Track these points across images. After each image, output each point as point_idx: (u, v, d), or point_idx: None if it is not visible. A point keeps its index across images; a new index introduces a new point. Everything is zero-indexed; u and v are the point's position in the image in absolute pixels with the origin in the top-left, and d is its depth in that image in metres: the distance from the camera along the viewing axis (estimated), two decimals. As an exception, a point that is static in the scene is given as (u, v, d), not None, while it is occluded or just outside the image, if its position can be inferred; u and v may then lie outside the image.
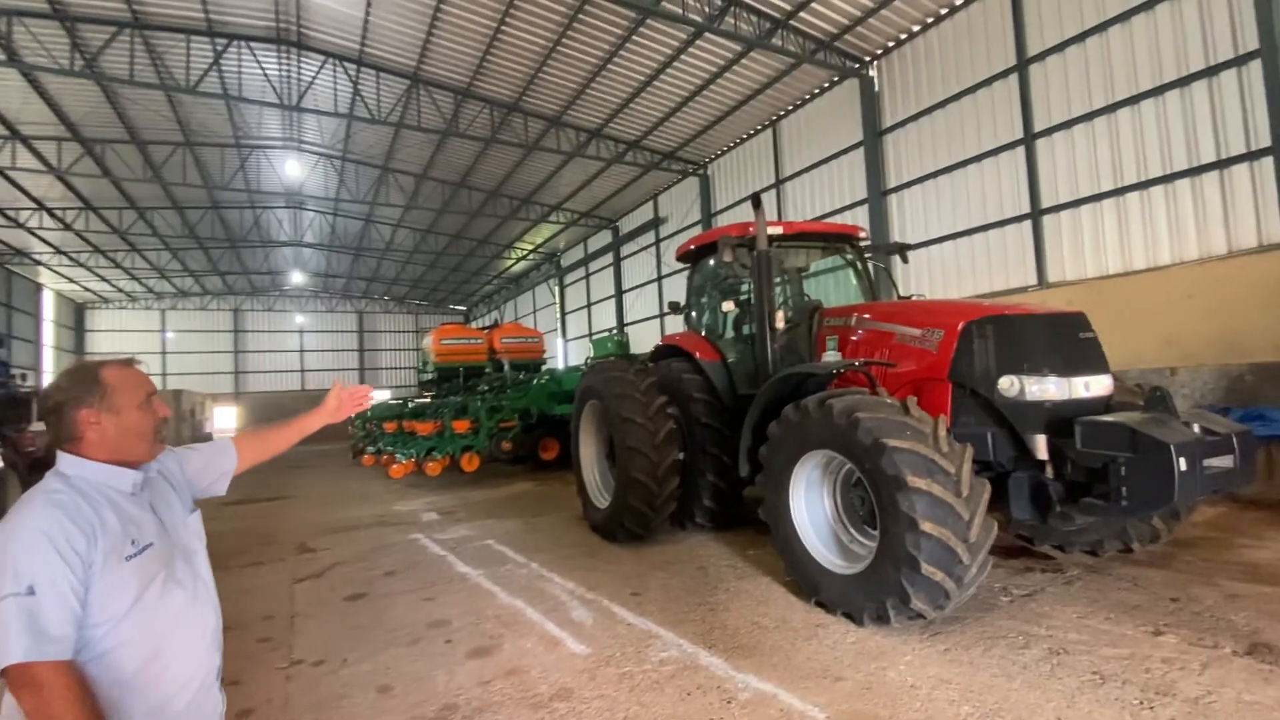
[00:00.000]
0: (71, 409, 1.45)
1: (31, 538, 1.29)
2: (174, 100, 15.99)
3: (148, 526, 1.49)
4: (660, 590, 4.96)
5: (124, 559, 1.39)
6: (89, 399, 1.46)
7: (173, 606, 1.48)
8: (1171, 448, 3.38)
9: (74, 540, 1.32)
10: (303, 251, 30.40)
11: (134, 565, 1.41)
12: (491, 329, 17.16)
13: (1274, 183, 7.76)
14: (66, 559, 1.29)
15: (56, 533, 1.31)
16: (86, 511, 1.37)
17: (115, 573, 1.36)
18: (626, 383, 6.26)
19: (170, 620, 1.47)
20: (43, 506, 1.35)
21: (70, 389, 1.46)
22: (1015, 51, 10.55)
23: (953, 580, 3.62)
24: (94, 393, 1.47)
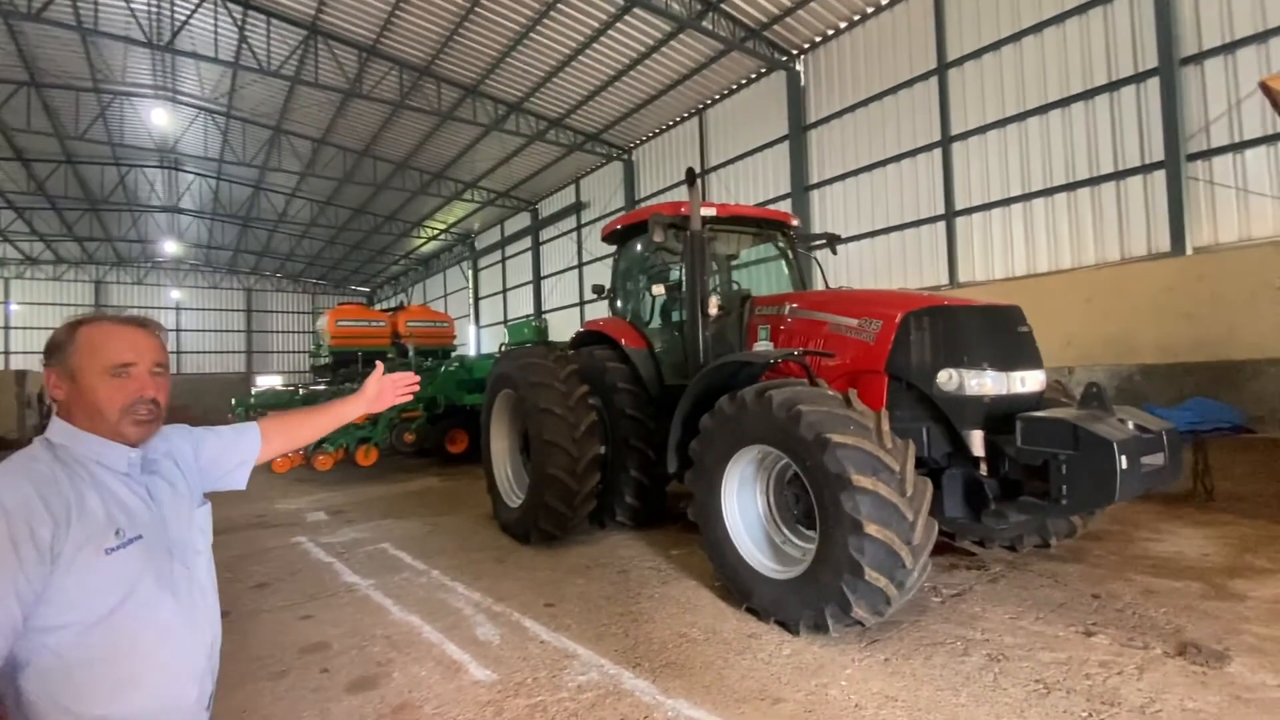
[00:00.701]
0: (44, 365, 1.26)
1: None
2: (14, 29, 13.58)
3: (139, 516, 1.24)
4: (578, 599, 4.48)
5: (103, 550, 1.14)
6: (54, 358, 1.24)
7: (160, 616, 1.22)
8: (1114, 445, 3.27)
9: (36, 524, 1.08)
10: (179, 219, 27.21)
11: (116, 560, 1.16)
12: (396, 311, 15.94)
13: (1164, 196, 8.31)
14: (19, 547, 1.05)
15: (17, 513, 1.07)
16: (64, 489, 1.14)
17: (89, 566, 1.12)
18: (545, 370, 5.71)
19: (156, 633, 1.21)
20: (12, 477, 1.13)
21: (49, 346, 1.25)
22: (936, 55, 10.81)
23: (895, 585, 3.38)
24: (59, 350, 1.24)
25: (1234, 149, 8.00)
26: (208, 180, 23.57)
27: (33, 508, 1.09)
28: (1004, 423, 3.96)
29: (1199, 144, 8.24)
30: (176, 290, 34.34)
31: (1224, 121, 8.05)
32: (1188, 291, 7.66)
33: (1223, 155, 8.08)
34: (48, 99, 16.41)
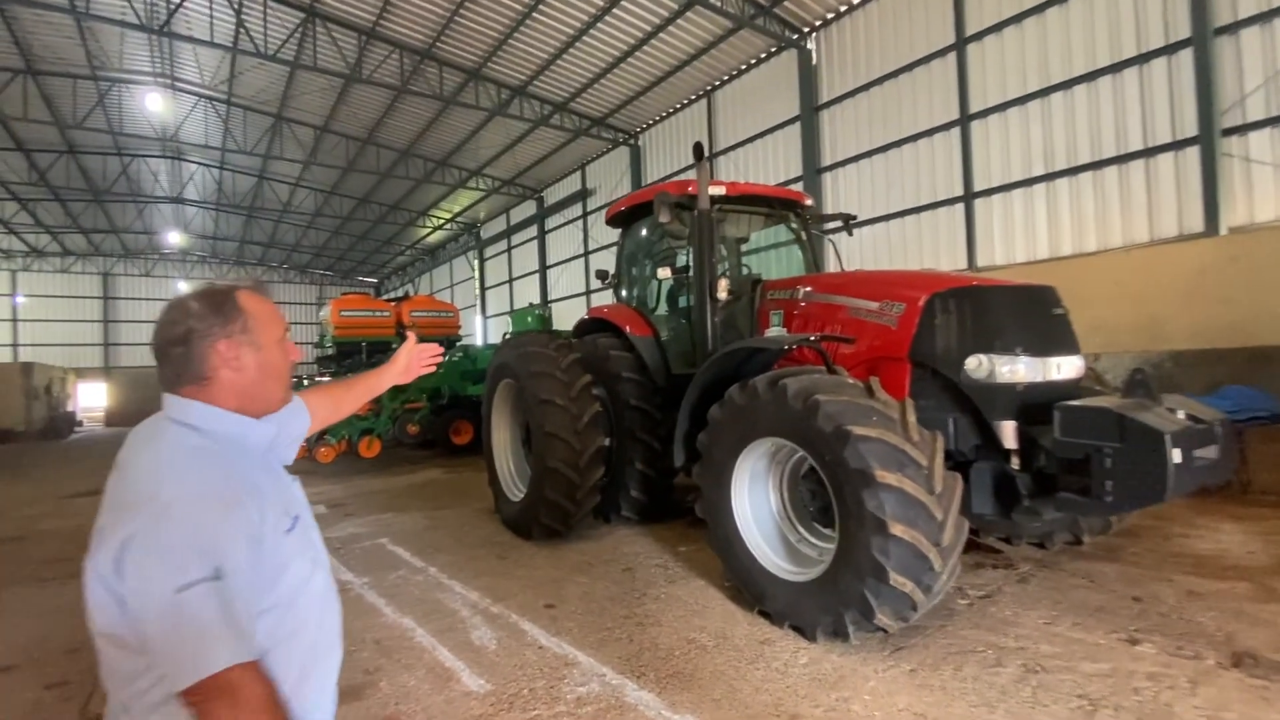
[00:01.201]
0: (205, 340, 1.13)
1: (203, 505, 0.98)
2: (8, 14, 13.37)
3: (290, 494, 1.23)
4: (580, 600, 4.24)
5: (283, 532, 1.12)
6: (229, 328, 1.14)
7: (318, 591, 1.19)
8: (1166, 437, 2.97)
9: (247, 506, 1.03)
10: (184, 209, 27.08)
11: (291, 540, 1.14)
12: (400, 301, 15.73)
13: (1197, 174, 7.91)
14: (242, 530, 1.01)
15: (228, 497, 1.02)
16: (246, 473, 1.10)
17: (277, 549, 1.08)
18: (545, 359, 5.45)
19: (320, 608, 1.19)
20: (200, 466, 1.04)
21: (204, 314, 1.13)
22: (954, 29, 10.37)
23: (922, 590, 3.11)
24: (235, 320, 1.15)
25: (1272, 123, 7.56)
26: (211, 170, 23.38)
27: (235, 490, 1.05)
28: (1039, 413, 3.66)
29: (1234, 118, 7.80)
30: (184, 282, 34.32)
31: (1260, 94, 7.62)
32: (1222, 274, 7.27)
33: (1259, 130, 7.65)
34: (45, 87, 16.22)
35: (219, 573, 0.95)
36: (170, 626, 0.91)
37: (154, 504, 0.97)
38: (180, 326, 1.13)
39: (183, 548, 0.94)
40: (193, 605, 0.92)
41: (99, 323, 32.66)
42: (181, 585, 0.92)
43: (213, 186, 24.43)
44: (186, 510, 0.97)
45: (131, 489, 1.03)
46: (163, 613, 0.91)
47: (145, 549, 0.94)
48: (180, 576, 0.92)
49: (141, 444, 1.14)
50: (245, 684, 0.94)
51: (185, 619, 0.91)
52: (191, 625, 0.91)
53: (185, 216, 28.11)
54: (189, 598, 0.92)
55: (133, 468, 1.09)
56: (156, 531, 0.94)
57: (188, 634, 0.91)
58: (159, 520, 0.95)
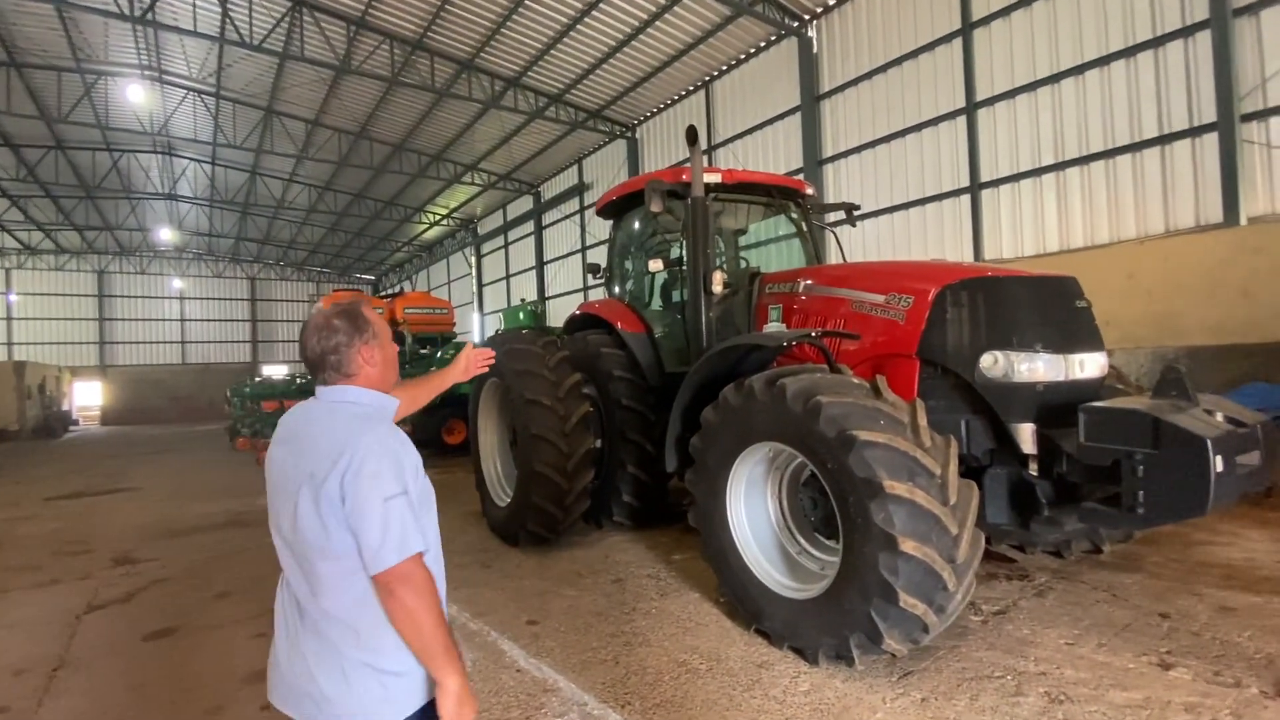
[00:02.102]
0: (356, 346, 1.50)
1: (395, 447, 1.41)
2: (-11, 6, 13.06)
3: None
4: (565, 615, 3.96)
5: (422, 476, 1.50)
6: (366, 336, 1.52)
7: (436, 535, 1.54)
8: (1208, 443, 2.67)
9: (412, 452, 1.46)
10: (178, 206, 26.77)
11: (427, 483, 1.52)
12: (394, 298, 15.44)
13: (1216, 161, 7.58)
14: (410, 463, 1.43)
15: (398, 441, 1.43)
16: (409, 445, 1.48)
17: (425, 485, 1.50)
18: (532, 357, 5.17)
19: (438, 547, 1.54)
20: (372, 423, 1.44)
21: (350, 330, 1.50)
22: (960, 14, 10.03)
23: (935, 611, 2.83)
24: (368, 329, 1.53)
25: (1294, 108, 7.24)
26: (203, 165, 23.05)
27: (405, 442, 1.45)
28: (1060, 414, 3.38)
29: (1254, 103, 7.47)
30: (179, 280, 34.05)
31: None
32: (1242, 265, 6.96)
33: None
34: (29, 80, 15.90)
35: (405, 490, 1.37)
36: (382, 524, 1.32)
37: (356, 448, 1.35)
38: (333, 339, 1.50)
39: (383, 472, 1.35)
40: (395, 510, 1.33)
41: (94, 321, 32.37)
42: (388, 496, 1.34)
43: (205, 182, 24.10)
44: (379, 449, 1.38)
45: (327, 446, 1.39)
46: (376, 516, 1.32)
47: (359, 476, 1.33)
48: (386, 491, 1.34)
49: (314, 420, 1.50)
50: (419, 569, 1.35)
51: (392, 519, 1.33)
52: (396, 523, 1.33)
53: (179, 213, 27.79)
54: (393, 505, 1.34)
55: (316, 435, 1.44)
56: (364, 464, 1.34)
57: (393, 528, 1.32)
58: (364, 457, 1.35)
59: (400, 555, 1.30)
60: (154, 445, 18.33)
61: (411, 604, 1.32)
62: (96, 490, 10.12)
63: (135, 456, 15.35)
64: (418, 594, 1.32)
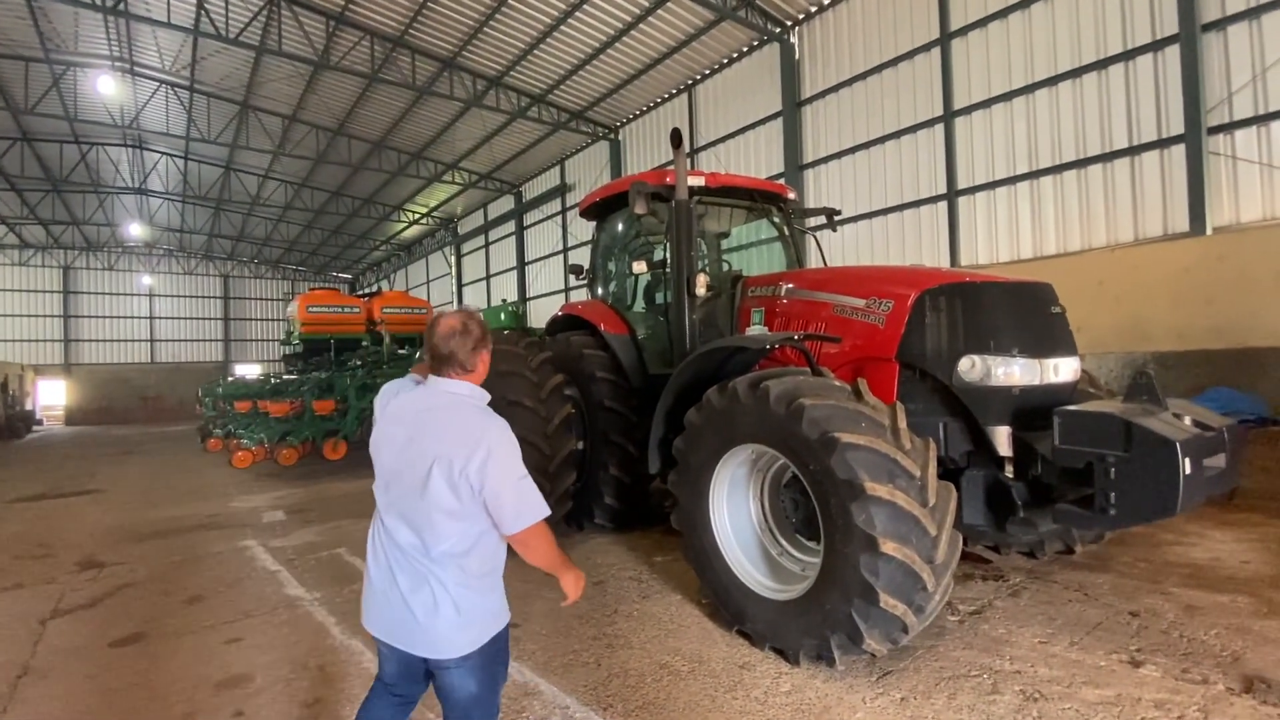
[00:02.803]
0: (480, 349, 1.89)
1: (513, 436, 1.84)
2: (-49, -8, 12.63)
3: None
4: (546, 618, 3.93)
5: None
6: (489, 342, 1.94)
7: None
8: (1177, 446, 2.74)
9: None
10: (149, 201, 26.09)
11: None
12: (371, 297, 15.25)
13: (1183, 172, 7.80)
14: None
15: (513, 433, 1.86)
16: None
17: None
18: (514, 358, 5.13)
19: None
20: (499, 418, 1.86)
21: (483, 333, 1.91)
22: (939, 24, 10.20)
23: (914, 611, 2.87)
24: (489, 337, 1.95)
25: (1258, 121, 7.48)
26: (175, 160, 22.51)
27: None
28: (1035, 418, 3.45)
29: (1220, 116, 7.71)
30: (149, 276, 33.20)
31: (1248, 92, 7.53)
32: (1207, 274, 7.17)
33: (1246, 128, 7.56)
34: (-6, 69, 15.43)
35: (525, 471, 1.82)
36: (517, 496, 1.78)
37: (489, 437, 1.77)
38: (470, 340, 1.86)
39: (517, 457, 1.82)
40: (526, 485, 1.81)
41: (59, 318, 31.42)
42: (520, 476, 1.80)
43: (178, 177, 23.54)
44: (507, 439, 1.81)
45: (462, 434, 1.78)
46: (512, 492, 1.77)
47: (499, 459, 1.76)
48: (520, 471, 1.80)
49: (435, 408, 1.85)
50: (545, 528, 1.85)
51: (525, 492, 1.80)
52: (529, 495, 1.81)
53: (149, 208, 27.10)
54: (524, 482, 1.81)
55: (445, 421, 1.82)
56: (501, 450, 1.77)
57: (526, 500, 1.80)
58: (500, 445, 1.77)
59: (534, 519, 1.80)
60: (121, 446, 17.85)
61: (543, 550, 1.86)
62: (61, 492, 9.82)
63: (102, 458, 14.93)
64: (546, 542, 1.86)
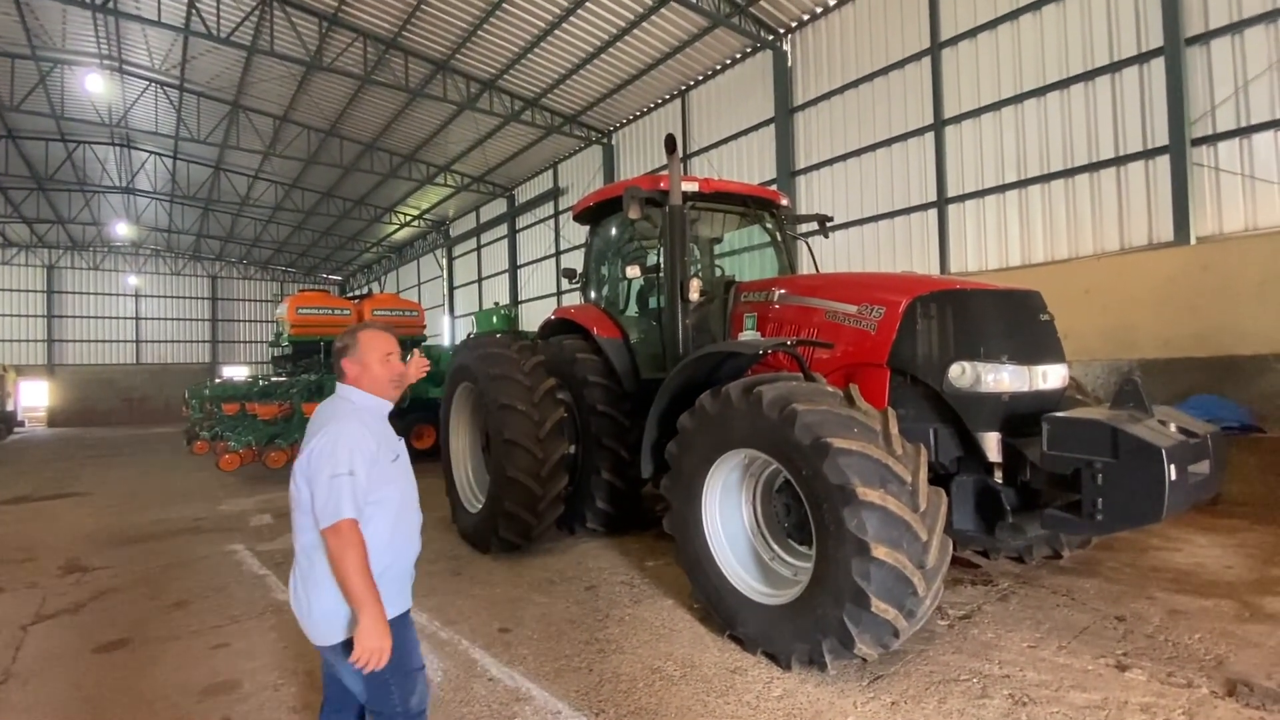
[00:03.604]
0: (340, 355, 2.09)
1: (352, 438, 1.89)
2: (-64, -14, 12.47)
3: (396, 443, 2.10)
4: (538, 623, 3.92)
5: (390, 461, 2.01)
6: (347, 353, 2.08)
7: (407, 498, 2.07)
8: (1163, 453, 2.79)
9: (368, 443, 1.92)
10: (136, 200, 25.82)
11: (395, 465, 2.04)
12: (362, 299, 15.16)
13: (1168, 183, 7.93)
14: (365, 455, 1.89)
15: (362, 437, 1.91)
16: (370, 424, 1.99)
17: (384, 468, 1.97)
18: (507, 361, 5.13)
19: (406, 506, 2.06)
20: (352, 419, 1.95)
21: (342, 340, 2.10)
22: (929, 34, 10.32)
23: (905, 616, 2.89)
24: (350, 349, 2.08)
25: (1240, 134, 7.62)
26: (163, 159, 22.31)
27: (366, 433, 1.94)
28: (1024, 424, 3.49)
29: (1204, 128, 7.85)
30: (135, 277, 32.82)
31: (1230, 104, 7.68)
32: (1191, 283, 7.28)
33: (1229, 140, 7.70)
34: (-20, 65, 15.23)
35: (352, 471, 1.83)
36: (325, 492, 1.80)
37: (323, 433, 1.89)
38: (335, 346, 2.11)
39: (337, 455, 1.84)
40: (336, 485, 1.80)
41: (42, 318, 31.00)
42: (334, 474, 1.81)
43: (166, 177, 23.33)
44: (338, 436, 1.88)
45: (318, 425, 1.97)
46: (323, 487, 1.81)
47: (320, 452, 1.85)
48: (336, 469, 1.82)
49: (325, 405, 2.09)
50: (349, 529, 1.79)
51: (333, 491, 1.80)
52: (334, 494, 1.80)
53: (136, 208, 26.82)
54: (337, 481, 1.81)
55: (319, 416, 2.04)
56: (327, 444, 1.86)
57: (331, 498, 1.79)
58: (327, 439, 1.87)
59: (333, 519, 1.78)
60: (106, 448, 17.61)
61: (337, 554, 1.77)
62: (44, 494, 9.68)
63: (86, 460, 14.73)
64: (343, 547, 1.77)
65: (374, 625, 1.76)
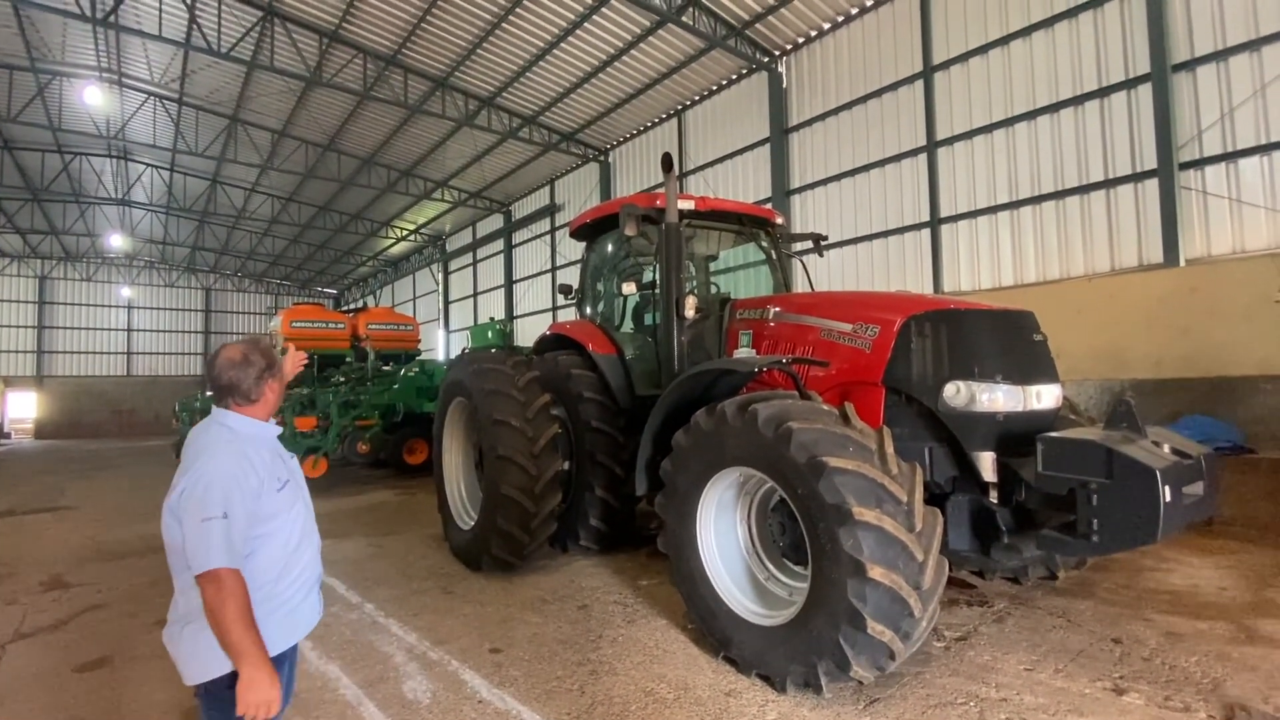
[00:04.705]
0: (262, 377, 1.92)
1: (226, 477, 1.74)
2: (-64, -1, 12.52)
3: (283, 468, 1.96)
4: (529, 643, 3.86)
5: (275, 491, 1.86)
6: (275, 371, 1.96)
7: (299, 525, 1.94)
8: (1157, 474, 2.79)
9: (251, 478, 1.78)
10: (131, 212, 25.81)
11: (280, 495, 1.88)
12: (357, 313, 15.13)
13: (1157, 206, 8.04)
14: (245, 493, 1.75)
15: (242, 473, 1.77)
16: (253, 454, 1.84)
17: (270, 499, 1.83)
18: (501, 377, 5.10)
19: (299, 535, 1.93)
20: (229, 453, 1.79)
21: (265, 361, 1.94)
22: (922, 58, 10.50)
23: (901, 638, 2.86)
24: (276, 365, 1.97)
25: (1226, 158, 7.76)
26: (160, 172, 22.33)
27: (247, 468, 1.78)
28: (1018, 444, 3.49)
29: (1191, 153, 7.99)
30: (128, 288, 32.67)
31: (1216, 130, 7.82)
32: (1181, 304, 7.36)
33: (1215, 165, 7.83)
34: (-21, 76, 15.27)
35: (226, 513, 1.68)
36: (195, 539, 1.65)
37: (194, 469, 1.73)
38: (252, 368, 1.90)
39: (208, 497, 1.68)
40: (208, 530, 1.65)
41: (32, 329, 30.76)
42: (205, 518, 1.66)
43: (162, 189, 23.34)
44: (211, 474, 1.72)
45: (191, 457, 1.78)
46: (193, 532, 1.66)
47: (191, 494, 1.69)
48: (208, 512, 1.67)
49: (198, 433, 1.89)
50: (227, 578, 1.64)
51: (204, 536, 1.65)
52: (206, 540, 1.65)
53: (132, 219, 26.79)
54: (208, 525, 1.65)
55: (192, 444, 1.85)
56: (200, 485, 1.70)
57: (203, 544, 1.65)
58: (200, 479, 1.71)
59: (205, 566, 1.64)
60: (93, 461, 17.39)
61: (212, 603, 1.64)
62: (28, 508, 9.53)
63: (72, 473, 14.53)
64: (217, 596, 1.64)
65: (258, 675, 1.64)
